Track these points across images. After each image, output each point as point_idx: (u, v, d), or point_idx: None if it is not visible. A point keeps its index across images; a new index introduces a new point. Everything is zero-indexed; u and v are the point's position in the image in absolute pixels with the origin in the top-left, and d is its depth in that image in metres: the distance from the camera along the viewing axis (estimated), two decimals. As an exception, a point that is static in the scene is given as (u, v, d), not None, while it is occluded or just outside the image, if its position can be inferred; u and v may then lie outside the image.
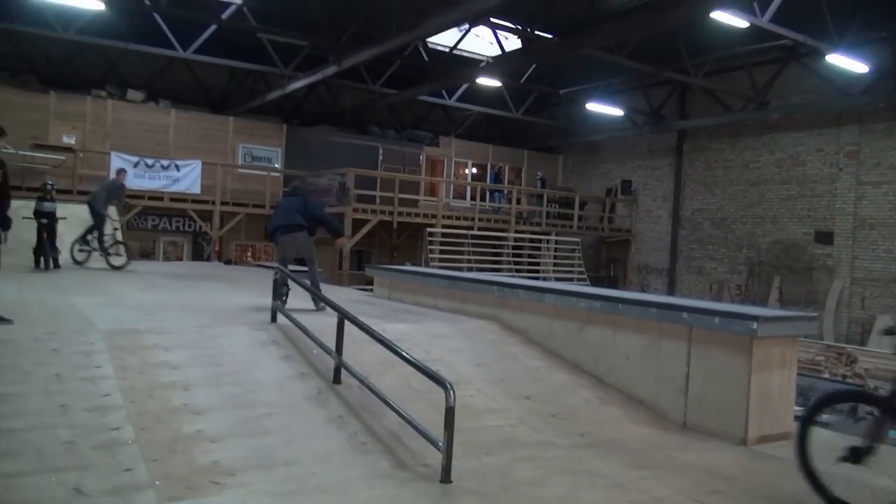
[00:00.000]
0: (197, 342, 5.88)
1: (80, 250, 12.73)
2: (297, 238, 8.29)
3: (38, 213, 11.48)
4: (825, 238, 18.49)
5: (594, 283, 20.23)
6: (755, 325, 5.06)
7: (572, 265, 22.37)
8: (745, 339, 5.18)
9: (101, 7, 14.37)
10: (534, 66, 20.88)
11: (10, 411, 4.25)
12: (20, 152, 17.11)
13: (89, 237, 12.59)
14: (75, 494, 3.51)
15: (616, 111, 22.54)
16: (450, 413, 4.08)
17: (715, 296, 20.63)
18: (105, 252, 12.43)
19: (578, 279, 21.40)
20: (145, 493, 3.62)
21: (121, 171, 13.83)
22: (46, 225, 11.49)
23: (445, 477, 4.09)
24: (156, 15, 16.42)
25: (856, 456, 3.77)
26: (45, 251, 11.60)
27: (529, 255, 22.59)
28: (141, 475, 3.78)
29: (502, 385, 6.06)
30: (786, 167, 19.62)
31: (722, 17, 12.94)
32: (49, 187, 11.98)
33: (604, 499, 4.02)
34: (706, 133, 21.78)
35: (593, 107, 22.27)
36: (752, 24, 13.61)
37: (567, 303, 6.97)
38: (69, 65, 20.01)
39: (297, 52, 18.45)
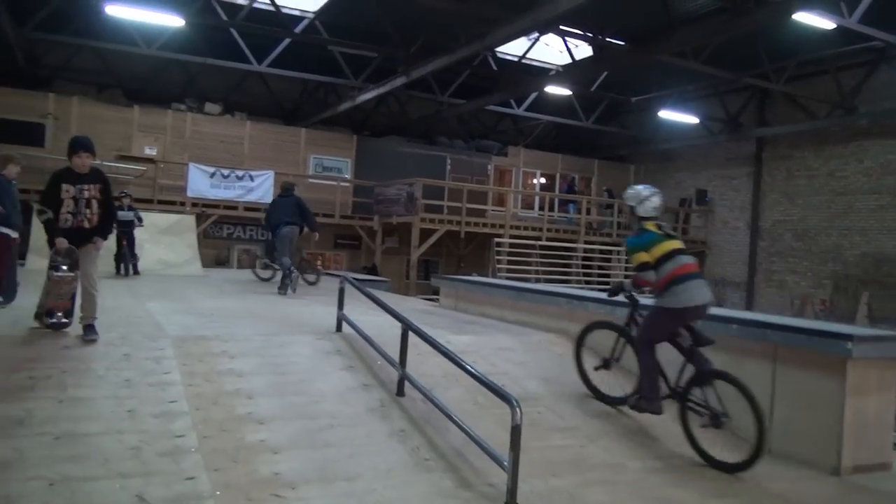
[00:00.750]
0: (263, 350, 5.89)
1: (266, 267, 12.65)
2: (294, 231, 10.61)
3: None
4: (920, 251, 17.34)
5: (667, 297, 19.55)
6: (850, 346, 4.66)
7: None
8: (839, 360, 4.79)
9: (181, 23, 14.90)
10: (605, 73, 20.43)
11: (81, 415, 4.32)
12: (105, 163, 17.89)
13: (272, 255, 12.29)
14: (138, 502, 3.50)
15: (691, 119, 21.84)
16: (516, 431, 3.89)
17: (798, 311, 19.64)
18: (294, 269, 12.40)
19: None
20: (206, 502, 3.59)
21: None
22: (124, 233, 11.90)
23: (511, 499, 3.89)
24: (232, 30, 16.91)
25: (606, 364, 5.87)
26: (124, 258, 12.03)
27: (599, 267, 22.08)
28: (202, 484, 3.75)
29: (571, 402, 5.83)
30: (875, 176, 18.53)
31: (806, 18, 12.32)
32: (122, 196, 12.38)
33: (681, 529, 3.75)
34: (788, 141, 20.83)
35: (667, 114, 21.64)
36: (838, 26, 12.91)
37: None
38: (152, 80, 20.87)
39: (367, 64, 18.66)
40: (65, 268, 5.83)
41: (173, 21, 14.79)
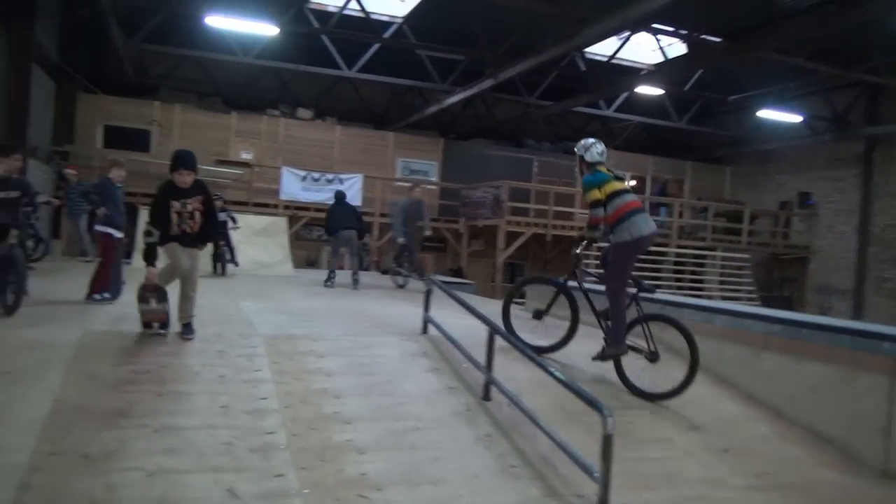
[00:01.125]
0: (350, 350, 5.94)
1: (396, 274, 12.70)
2: (351, 234, 11.82)
3: None
4: None
5: (765, 304, 18.61)
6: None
7: (740, 284, 20.76)
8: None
9: (276, 31, 15.40)
10: (699, 72, 19.68)
11: (178, 409, 4.47)
12: (205, 167, 18.73)
13: (401, 260, 12.52)
14: (229, 497, 3.57)
15: (793, 118, 20.70)
16: (607, 441, 3.74)
17: (911, 323, 18.26)
18: (418, 275, 12.13)
19: (747, 299, 19.79)
20: (294, 500, 3.63)
21: (413, 187, 13.34)
22: (220, 234, 12.34)
23: (602, 511, 3.75)
24: (324, 37, 17.34)
25: (538, 315, 6.50)
26: (221, 258, 12.48)
27: (692, 272, 21.26)
28: (291, 482, 3.79)
29: (664, 413, 5.57)
30: None
31: (926, 6, 11.43)
32: (215, 198, 12.80)
33: (788, 554, 3.49)
34: (902, 140, 19.42)
35: (766, 114, 20.60)
36: (963, 14, 11.92)
37: (740, 325, 6.32)
38: (248, 87, 21.69)
39: (455, 67, 18.71)
40: (153, 302, 5.88)
41: (268, 30, 15.31)
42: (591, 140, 6.34)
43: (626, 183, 6.18)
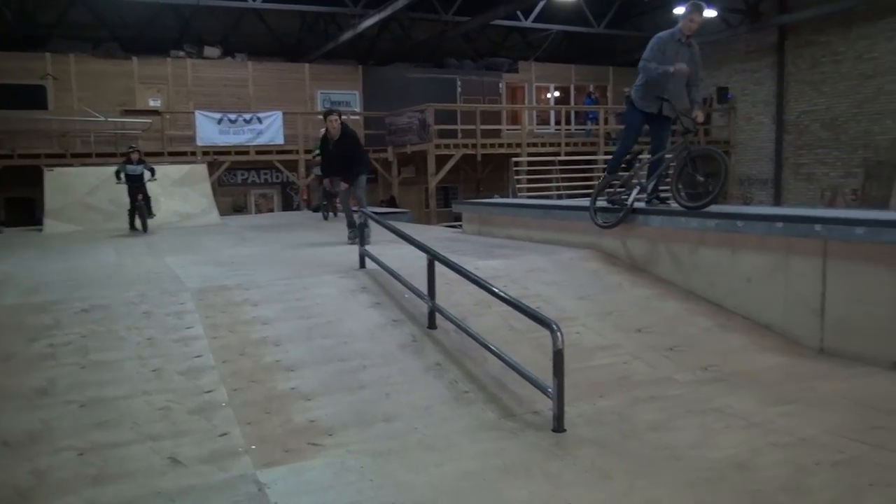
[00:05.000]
0: (286, 294, 5.69)
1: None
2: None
3: (123, 176, 11.59)
4: (958, 129, 16.54)
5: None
6: (911, 233, 4.34)
7: (664, 184, 21.11)
8: (898, 249, 4.47)
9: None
10: (614, -27, 19.37)
11: (106, 379, 4.18)
12: (109, 119, 17.57)
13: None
14: (171, 464, 3.37)
15: (708, 13, 20.66)
16: (558, 356, 3.68)
17: (828, 203, 19.10)
18: None
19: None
20: (242, 458, 3.44)
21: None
22: (137, 187, 11.66)
23: (558, 426, 3.72)
24: (221, -34, 16.20)
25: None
26: (141, 213, 11.81)
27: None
28: (236, 439, 3.61)
29: (610, 318, 5.59)
30: (908, 53, 17.54)
31: None
32: (130, 150, 12.05)
33: (743, 442, 3.53)
34: (811, 26, 19.68)
35: (682, 11, 20.49)
36: None
37: (675, 224, 6.35)
38: (147, 28, 20.20)
39: (365, -12, 17.85)
40: None
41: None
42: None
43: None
